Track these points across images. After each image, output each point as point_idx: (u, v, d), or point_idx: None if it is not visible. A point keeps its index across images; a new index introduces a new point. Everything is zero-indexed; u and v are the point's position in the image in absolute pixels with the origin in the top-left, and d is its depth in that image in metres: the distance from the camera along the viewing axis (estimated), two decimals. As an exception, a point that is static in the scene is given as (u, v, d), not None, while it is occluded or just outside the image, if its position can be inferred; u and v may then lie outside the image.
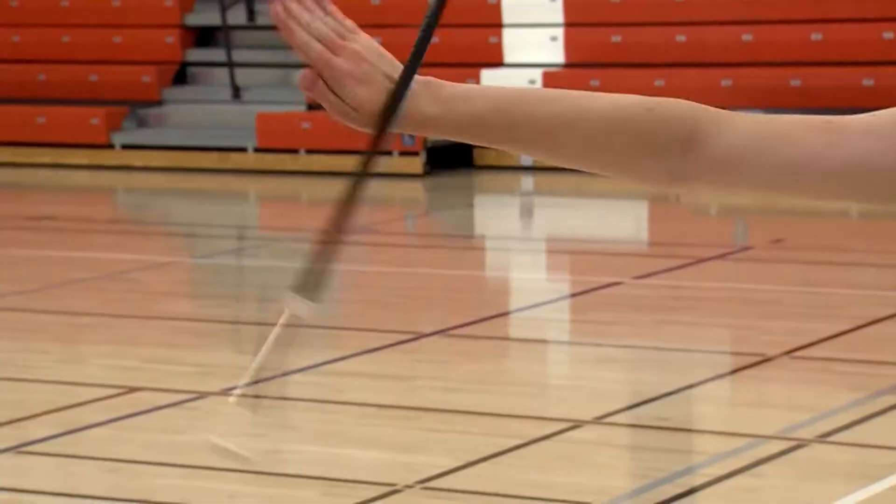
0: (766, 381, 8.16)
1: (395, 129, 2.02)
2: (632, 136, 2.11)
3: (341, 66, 2.00)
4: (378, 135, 2.01)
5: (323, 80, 2.00)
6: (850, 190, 2.14)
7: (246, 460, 2.04)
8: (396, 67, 2.01)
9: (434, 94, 2.03)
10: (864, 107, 2.19)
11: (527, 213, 15.45)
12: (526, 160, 15.53)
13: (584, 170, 2.15)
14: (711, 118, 2.10)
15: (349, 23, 2.04)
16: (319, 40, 2.01)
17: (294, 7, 2.01)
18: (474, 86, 2.09)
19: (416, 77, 2.01)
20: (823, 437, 7.03)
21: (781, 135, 2.10)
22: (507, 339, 9.53)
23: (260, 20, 17.31)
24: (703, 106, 2.11)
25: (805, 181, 2.12)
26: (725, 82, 14.94)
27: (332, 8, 2.03)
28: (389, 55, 2.03)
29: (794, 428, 7.15)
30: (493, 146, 2.14)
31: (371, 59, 2.02)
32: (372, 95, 2.00)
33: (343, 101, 2.00)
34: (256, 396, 2.02)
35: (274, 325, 2.03)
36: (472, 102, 2.06)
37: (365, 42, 2.03)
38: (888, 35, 14.22)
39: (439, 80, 2.04)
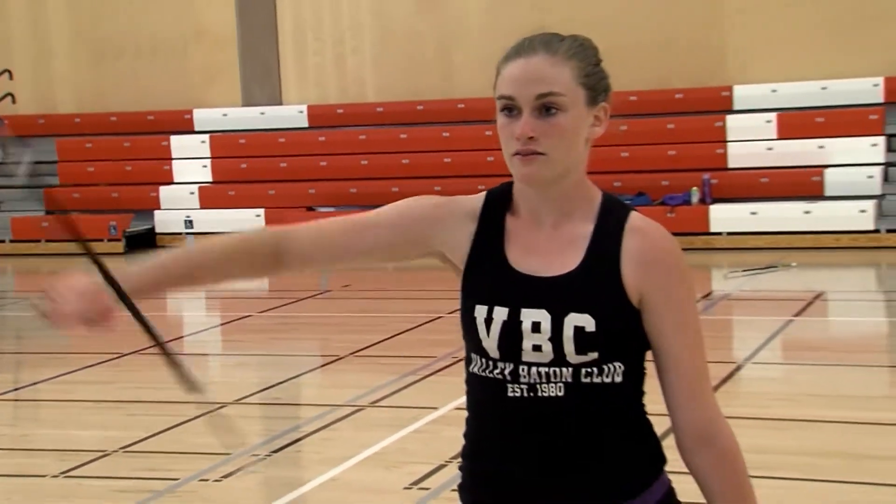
0: (339, 372, 8.15)
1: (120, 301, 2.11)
2: (240, 260, 2.16)
3: (78, 310, 2.09)
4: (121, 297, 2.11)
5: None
6: (377, 258, 2.19)
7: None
8: (100, 280, 2.08)
9: (122, 278, 2.10)
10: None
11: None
12: (191, 242, 15.27)
13: (230, 283, 2.22)
14: (285, 237, 2.16)
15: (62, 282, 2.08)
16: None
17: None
18: (142, 268, 2.14)
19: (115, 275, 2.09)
20: (374, 403, 7.06)
21: (326, 240, 2.16)
22: (181, 353, 9.29)
23: (10, 159, 16.63)
24: (280, 229, 2.17)
25: (348, 260, 2.19)
26: (311, 191, 15.04)
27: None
28: (92, 277, 2.09)
29: (357, 398, 7.14)
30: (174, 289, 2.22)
31: (92, 291, 2.07)
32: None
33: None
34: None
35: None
36: (143, 281, 2.13)
37: (82, 283, 2.08)
38: (490, 158, 13.87)
39: (124, 270, 2.11)
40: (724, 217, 13.40)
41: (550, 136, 1.99)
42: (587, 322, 1.99)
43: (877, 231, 12.95)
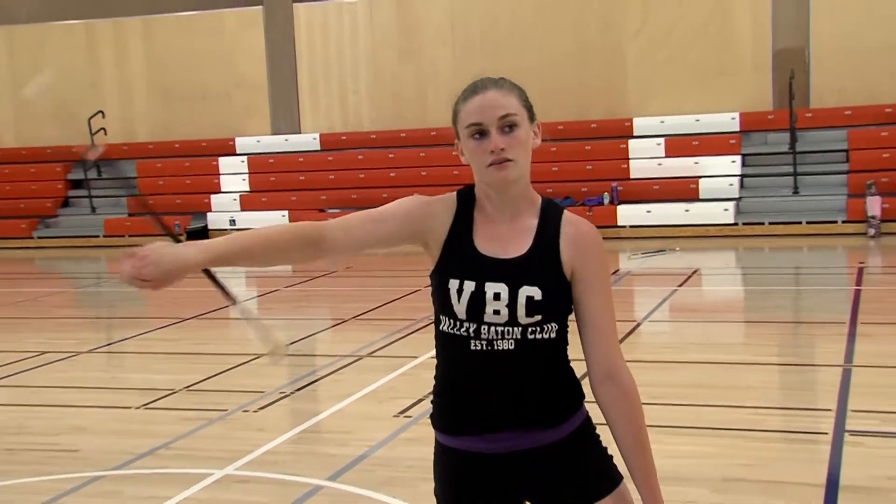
0: (345, 331, 8.03)
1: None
2: (288, 245, 2.04)
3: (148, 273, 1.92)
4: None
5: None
6: (387, 245, 2.11)
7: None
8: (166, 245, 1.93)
9: (198, 248, 1.95)
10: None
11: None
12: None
13: (277, 265, 2.07)
14: (326, 229, 2.06)
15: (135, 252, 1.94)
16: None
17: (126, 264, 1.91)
18: (205, 242, 1.98)
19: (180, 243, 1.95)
20: (371, 354, 6.99)
21: (352, 233, 2.07)
22: (234, 318, 9.16)
23: (104, 175, 16.47)
24: (321, 222, 2.07)
25: (367, 248, 2.11)
26: (323, 197, 14.91)
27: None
28: (159, 244, 1.93)
29: (358, 350, 7.09)
30: (232, 266, 2.05)
31: (158, 252, 1.92)
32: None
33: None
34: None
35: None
36: (203, 253, 1.96)
37: (152, 248, 1.92)
38: (456, 172, 14.20)
39: (189, 244, 1.95)
40: (628, 214, 13.51)
41: (514, 146, 2.02)
42: (536, 292, 2.01)
43: (736, 224, 13.15)
